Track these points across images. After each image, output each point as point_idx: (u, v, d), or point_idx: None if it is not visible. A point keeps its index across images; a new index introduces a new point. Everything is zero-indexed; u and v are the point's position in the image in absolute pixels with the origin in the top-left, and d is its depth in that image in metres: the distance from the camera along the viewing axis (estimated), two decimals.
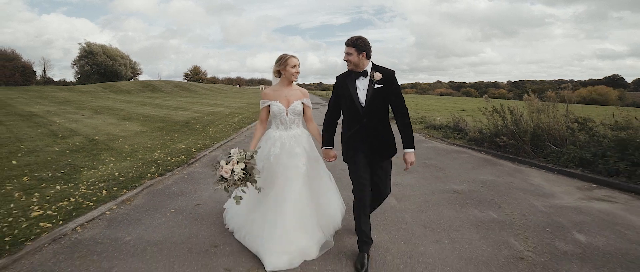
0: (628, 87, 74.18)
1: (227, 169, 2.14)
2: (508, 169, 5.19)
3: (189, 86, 48.43)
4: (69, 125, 9.41)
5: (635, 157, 4.35)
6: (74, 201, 3.25)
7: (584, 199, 3.78)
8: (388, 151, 2.31)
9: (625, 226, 2.99)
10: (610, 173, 4.46)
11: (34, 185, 3.77)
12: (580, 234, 2.83)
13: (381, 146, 2.27)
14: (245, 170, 2.18)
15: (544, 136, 5.88)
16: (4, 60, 40.63)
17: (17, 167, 4.53)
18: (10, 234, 2.56)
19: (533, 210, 3.40)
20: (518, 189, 4.15)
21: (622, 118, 5.22)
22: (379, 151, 2.28)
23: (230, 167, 2.15)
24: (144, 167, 4.79)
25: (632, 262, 2.36)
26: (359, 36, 2.23)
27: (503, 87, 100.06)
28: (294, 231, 2.28)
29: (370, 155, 2.28)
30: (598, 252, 2.50)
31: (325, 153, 2.50)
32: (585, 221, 3.11)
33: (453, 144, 7.47)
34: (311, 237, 2.35)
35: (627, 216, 3.22)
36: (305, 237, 2.32)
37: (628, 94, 58.95)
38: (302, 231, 2.31)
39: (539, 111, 6.15)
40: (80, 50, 60.63)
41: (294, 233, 2.28)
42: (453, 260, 2.38)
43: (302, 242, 2.29)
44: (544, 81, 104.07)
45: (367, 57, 2.24)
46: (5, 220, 2.79)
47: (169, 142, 7.13)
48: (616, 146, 4.74)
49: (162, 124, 10.40)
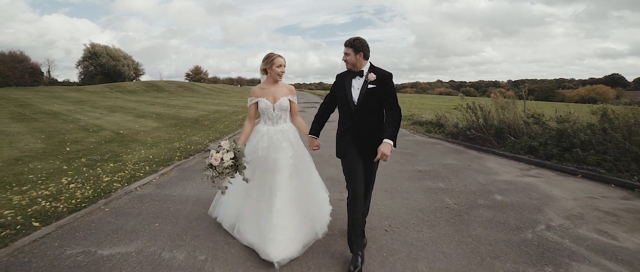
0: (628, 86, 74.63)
1: (217, 157, 2.25)
2: (471, 156, 6.23)
3: (192, 86, 49.56)
4: (94, 122, 10.54)
5: (565, 144, 5.41)
6: (127, 173, 4.39)
7: (520, 176, 4.83)
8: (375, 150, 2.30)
9: (535, 191, 4.04)
10: (547, 157, 5.51)
11: (92, 164, 4.91)
12: (499, 195, 3.89)
13: (372, 144, 2.29)
14: (234, 159, 2.30)
15: (505, 128, 6.94)
16: (14, 61, 41.89)
17: (72, 153, 5.66)
18: (98, 189, 3.73)
19: (474, 183, 4.45)
20: (471, 169, 5.19)
21: (564, 113, 6.26)
22: (370, 148, 2.30)
23: (220, 156, 2.26)
24: (170, 152, 5.89)
25: (521, 208, 3.43)
26: (357, 37, 2.29)
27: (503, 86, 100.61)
28: (281, 220, 2.37)
29: (361, 152, 2.33)
30: (502, 204, 3.56)
31: (310, 141, 2.57)
32: (509, 189, 4.16)
33: (432, 137, 8.52)
34: (298, 227, 2.44)
35: (542, 186, 4.27)
36: (293, 227, 2.40)
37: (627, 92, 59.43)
38: (288, 221, 2.40)
39: (502, 108, 7.20)
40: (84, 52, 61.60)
41: (282, 223, 2.37)
42: (400, 209, 3.44)
43: (289, 233, 2.38)
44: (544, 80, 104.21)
45: (365, 58, 2.30)
46: (88, 182, 4.01)
47: (184, 136, 8.22)
48: (555, 135, 5.79)
49: (174, 121, 11.51)
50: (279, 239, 2.31)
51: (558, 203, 3.63)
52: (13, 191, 3.76)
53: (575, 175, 4.78)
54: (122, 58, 65.34)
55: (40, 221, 2.99)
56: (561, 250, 2.57)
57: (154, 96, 31.70)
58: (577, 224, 3.06)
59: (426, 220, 3.16)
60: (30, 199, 3.49)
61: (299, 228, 2.43)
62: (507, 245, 2.65)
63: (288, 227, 2.37)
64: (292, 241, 2.35)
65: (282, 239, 2.31)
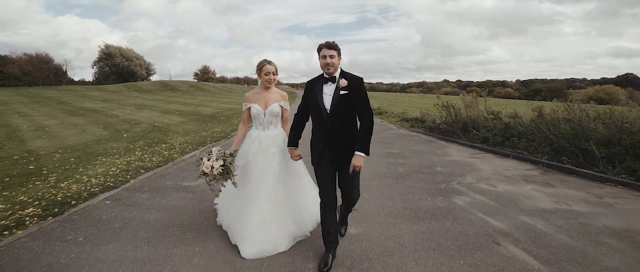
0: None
1: (208, 165, 2.37)
2: (437, 145, 7.81)
3: (202, 86, 51.80)
4: (130, 117, 12.46)
5: (508, 134, 6.97)
6: (178, 149, 6.20)
7: (466, 157, 6.40)
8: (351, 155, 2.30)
9: (469, 166, 5.63)
10: (494, 145, 7.07)
11: (149, 145, 6.73)
12: (440, 167, 5.49)
13: (345, 151, 2.28)
14: (224, 167, 2.41)
15: (470, 123, 8.49)
16: (41, 62, 44.85)
17: (129, 138, 7.50)
18: (164, 158, 5.53)
19: (428, 161, 6.05)
20: (432, 153, 6.78)
21: (512, 109, 7.79)
22: (343, 155, 2.29)
23: (211, 164, 2.38)
24: (201, 138, 7.66)
25: (449, 174, 5.05)
26: (333, 41, 2.27)
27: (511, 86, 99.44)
28: (266, 223, 2.48)
29: (335, 159, 2.32)
30: (438, 172, 5.17)
31: (290, 152, 2.54)
32: (451, 164, 5.75)
33: (414, 131, 10.10)
34: (283, 230, 2.55)
35: (477, 163, 5.85)
36: (278, 230, 2.52)
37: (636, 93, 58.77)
38: (275, 224, 2.52)
39: (468, 106, 8.75)
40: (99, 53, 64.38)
41: (267, 225, 2.48)
42: (364, 171, 5.08)
43: (274, 234, 2.49)
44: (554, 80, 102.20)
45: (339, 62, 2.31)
46: (154, 155, 5.83)
47: (207, 128, 10.01)
48: (503, 128, 7.34)
49: (194, 117, 13.35)
50: (257, 240, 2.45)
51: (479, 172, 5.22)
52: (111, 158, 5.59)
53: (508, 157, 6.34)
54: (135, 58, 68.14)
55: (143, 169, 4.89)
56: (455, 191, 4.19)
57: (169, 95, 33.86)
58: (478, 181, 4.66)
59: (380, 177, 4.81)
60: (127, 162, 5.32)
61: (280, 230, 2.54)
62: (424, 189, 4.28)
63: (267, 230, 2.48)
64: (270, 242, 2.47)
65: (259, 240, 2.45)
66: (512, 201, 3.80)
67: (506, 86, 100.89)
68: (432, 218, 3.29)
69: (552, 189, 4.30)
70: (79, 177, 4.46)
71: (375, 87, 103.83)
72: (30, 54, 45.45)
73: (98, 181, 4.34)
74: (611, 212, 3.47)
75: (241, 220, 2.57)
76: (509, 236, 2.90)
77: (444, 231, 2.99)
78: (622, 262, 2.47)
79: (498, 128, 7.54)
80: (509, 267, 2.40)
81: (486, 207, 3.61)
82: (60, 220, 3.20)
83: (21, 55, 43.72)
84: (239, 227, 2.58)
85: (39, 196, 3.72)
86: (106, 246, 2.68)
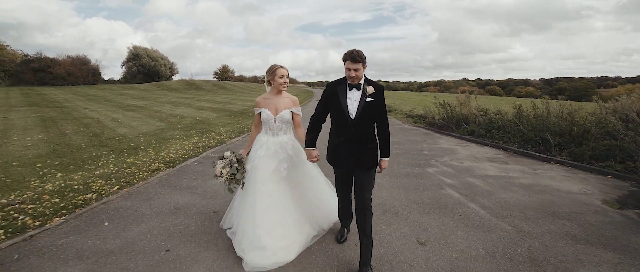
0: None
1: (219, 170, 2.59)
2: (433, 137, 9.33)
3: (225, 85, 54.69)
4: (173, 112, 14.73)
5: (490, 127, 8.41)
6: (225, 136, 8.15)
7: (452, 145, 7.93)
8: (370, 162, 2.41)
9: (451, 151, 7.18)
10: (478, 136, 8.53)
11: (202, 132, 8.76)
12: (427, 151, 7.08)
13: (364, 156, 2.39)
14: (232, 172, 2.57)
15: (462, 119, 9.94)
16: (81, 63, 49.27)
17: (183, 128, 9.58)
18: (217, 141, 7.45)
19: (419, 147, 7.63)
20: (424, 142, 8.34)
21: (496, 107, 9.18)
22: (362, 160, 2.39)
23: (220, 169, 2.59)
24: (240, 129, 9.61)
25: (432, 156, 6.65)
26: (359, 50, 2.29)
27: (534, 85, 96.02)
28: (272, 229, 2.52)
29: (353, 163, 2.41)
30: (424, 154, 6.78)
31: (308, 153, 2.56)
32: (436, 149, 7.32)
33: (416, 126, 11.62)
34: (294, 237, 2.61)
35: (459, 149, 7.38)
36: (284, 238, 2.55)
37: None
38: (280, 232, 2.55)
39: (461, 104, 10.18)
40: (128, 53, 68.76)
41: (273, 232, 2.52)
42: None
43: (280, 243, 2.52)
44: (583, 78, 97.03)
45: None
46: (209, 139, 7.77)
47: (240, 122, 11.97)
48: (487, 123, 8.77)
49: (226, 113, 15.43)
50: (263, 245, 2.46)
51: (456, 155, 6.76)
52: (179, 141, 7.60)
53: (486, 145, 7.81)
54: (160, 58, 72.40)
55: (208, 146, 6.84)
56: (430, 165, 5.80)
57: (195, 94, 36.63)
58: (452, 160, 6.23)
59: None
60: (193, 143, 7.30)
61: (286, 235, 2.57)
62: (407, 163, 5.91)
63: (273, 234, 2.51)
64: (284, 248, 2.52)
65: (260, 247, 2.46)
66: (468, 171, 5.38)
67: (528, 85, 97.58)
68: (406, 177, 4.96)
69: (505, 165, 5.82)
70: (167, 151, 6.46)
71: (392, 86, 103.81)
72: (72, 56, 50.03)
73: (182, 152, 6.33)
74: (531, 177, 5.00)
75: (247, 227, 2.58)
76: (452, 186, 4.53)
77: (409, 182, 4.66)
78: (514, 198, 4.06)
79: (484, 122, 8.98)
80: (443, 199, 4.04)
81: (447, 173, 5.23)
82: (176, 170, 5.22)
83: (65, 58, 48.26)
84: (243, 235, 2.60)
85: (153, 158, 5.73)
86: (207, 182, 4.58)
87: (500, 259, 2.65)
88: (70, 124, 10.15)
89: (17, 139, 7.63)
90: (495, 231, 3.16)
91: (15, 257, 2.62)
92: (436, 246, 2.85)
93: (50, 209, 3.52)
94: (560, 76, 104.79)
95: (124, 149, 6.68)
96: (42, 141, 7.45)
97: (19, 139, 7.64)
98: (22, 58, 43.04)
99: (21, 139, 7.64)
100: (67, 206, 3.61)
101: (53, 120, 10.97)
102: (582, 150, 5.94)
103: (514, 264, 2.57)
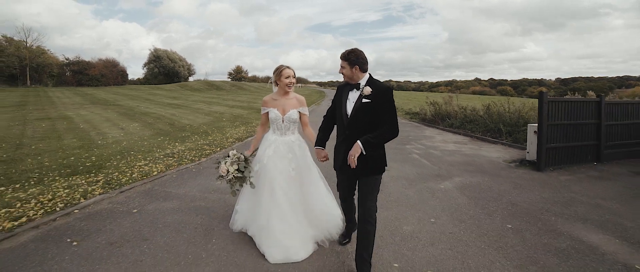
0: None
1: (224, 169, 2.60)
2: (420, 128, 11.88)
3: (242, 85, 57.79)
4: (211, 109, 17.74)
5: (465, 120, 10.91)
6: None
7: (433, 134, 10.47)
8: (371, 166, 2.33)
9: (430, 136, 9.75)
10: (454, 127, 11.03)
11: (245, 122, 11.63)
12: (411, 138, 9.67)
13: (364, 160, 2.29)
14: (238, 171, 2.60)
15: (446, 115, 12.43)
16: (111, 66, 53.71)
17: (227, 121, 12.47)
18: (239, 135, 10.30)
19: (406, 134, 10.19)
20: (412, 131, 10.90)
21: (473, 105, 11.65)
22: (362, 164, 2.30)
23: (226, 168, 2.60)
24: None
25: (415, 138, 9.26)
26: (352, 50, 2.33)
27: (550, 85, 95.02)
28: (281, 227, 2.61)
29: (349, 168, 2.34)
30: (408, 138, 9.38)
31: (317, 152, 2.61)
32: (420, 136, 9.90)
33: (411, 121, 14.14)
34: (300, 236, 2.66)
35: (436, 136, 9.93)
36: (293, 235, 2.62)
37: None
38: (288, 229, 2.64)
39: (446, 103, 12.66)
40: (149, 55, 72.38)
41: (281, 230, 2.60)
42: None
43: (288, 241, 2.59)
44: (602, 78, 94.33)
45: (362, 70, 2.34)
46: (256, 126, 10.62)
47: None
48: (462, 117, 11.25)
49: (253, 110, 18.30)
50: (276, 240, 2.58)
51: (431, 139, 9.31)
52: (229, 129, 10.43)
53: (459, 134, 10.31)
54: (178, 60, 76.63)
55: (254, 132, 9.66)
56: (409, 143, 8.40)
57: (217, 94, 39.51)
58: (427, 141, 8.80)
59: None
60: (244, 129, 10.17)
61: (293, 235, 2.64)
62: (396, 143, 8.52)
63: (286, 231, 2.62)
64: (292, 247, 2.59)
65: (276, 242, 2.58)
66: (434, 147, 7.95)
67: (543, 84, 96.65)
68: (389, 149, 7.59)
69: (462, 145, 8.35)
70: (230, 133, 9.29)
71: (403, 86, 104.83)
72: (103, 59, 54.57)
73: (241, 134, 9.21)
74: (474, 151, 7.55)
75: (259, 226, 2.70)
76: (419, 154, 7.12)
77: (392, 152, 7.28)
78: (452, 159, 6.62)
79: (460, 117, 11.46)
80: (409, 158, 6.66)
81: (418, 148, 7.82)
82: (243, 143, 8.03)
83: (98, 60, 52.80)
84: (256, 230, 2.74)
85: (226, 136, 8.62)
86: None
87: (425, 176, 5.27)
88: (144, 118, 13.25)
89: (125, 126, 10.70)
90: (427, 167, 5.80)
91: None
92: (394, 173, 5.49)
93: (200, 153, 6.58)
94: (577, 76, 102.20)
95: (199, 132, 9.58)
96: (142, 127, 10.48)
97: (126, 126, 10.69)
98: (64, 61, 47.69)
99: (128, 126, 10.71)
100: (201, 155, 6.49)
101: (129, 115, 14.14)
102: (520, 135, 8.42)
103: (431, 178, 5.19)
